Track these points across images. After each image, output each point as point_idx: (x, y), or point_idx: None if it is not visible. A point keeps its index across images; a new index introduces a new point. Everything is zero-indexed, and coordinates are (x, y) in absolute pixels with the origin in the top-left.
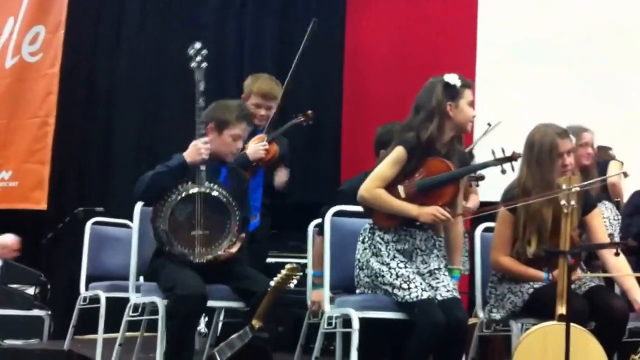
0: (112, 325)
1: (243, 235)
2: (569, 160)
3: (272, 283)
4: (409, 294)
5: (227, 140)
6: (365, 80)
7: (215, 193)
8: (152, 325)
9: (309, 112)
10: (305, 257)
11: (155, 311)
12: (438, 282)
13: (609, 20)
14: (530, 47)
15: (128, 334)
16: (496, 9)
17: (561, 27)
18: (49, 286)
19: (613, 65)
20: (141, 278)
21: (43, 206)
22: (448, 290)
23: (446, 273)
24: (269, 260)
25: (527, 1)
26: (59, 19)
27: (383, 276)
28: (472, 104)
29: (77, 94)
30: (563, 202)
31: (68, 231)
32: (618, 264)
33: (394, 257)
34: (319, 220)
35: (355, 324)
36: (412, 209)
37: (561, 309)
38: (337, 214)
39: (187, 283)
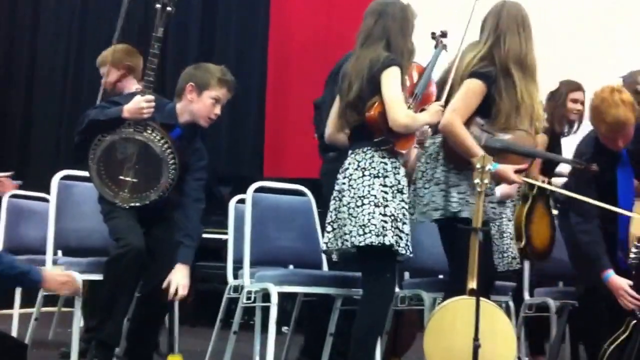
0: (30, 300)
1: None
2: None
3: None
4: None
5: (207, 102)
6: (290, 54)
7: (156, 148)
8: (70, 300)
9: None
10: (227, 233)
11: None
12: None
13: None
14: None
15: (46, 309)
16: None
17: None
18: None
19: None
20: (59, 252)
21: None
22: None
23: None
24: None
25: None
26: None
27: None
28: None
29: None
30: (477, 180)
31: None
32: None
33: (398, 189)
34: (242, 196)
35: (274, 299)
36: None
37: (472, 284)
38: (260, 189)
39: (127, 239)
